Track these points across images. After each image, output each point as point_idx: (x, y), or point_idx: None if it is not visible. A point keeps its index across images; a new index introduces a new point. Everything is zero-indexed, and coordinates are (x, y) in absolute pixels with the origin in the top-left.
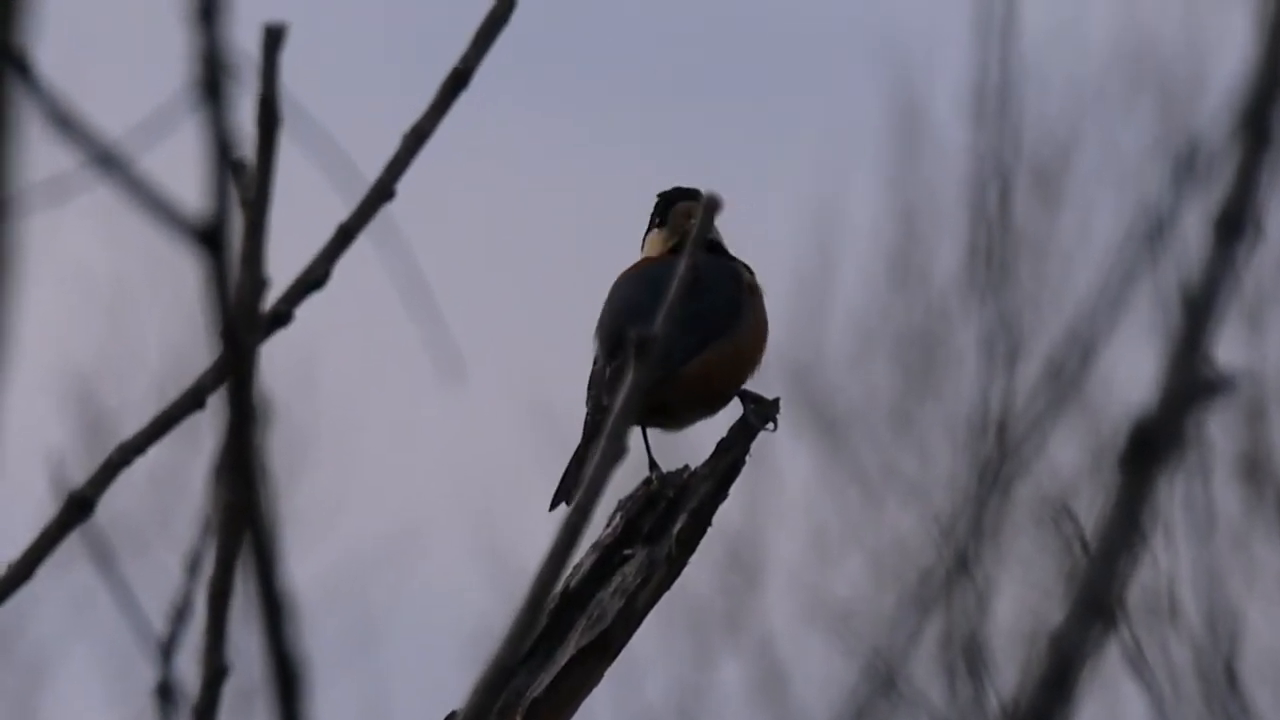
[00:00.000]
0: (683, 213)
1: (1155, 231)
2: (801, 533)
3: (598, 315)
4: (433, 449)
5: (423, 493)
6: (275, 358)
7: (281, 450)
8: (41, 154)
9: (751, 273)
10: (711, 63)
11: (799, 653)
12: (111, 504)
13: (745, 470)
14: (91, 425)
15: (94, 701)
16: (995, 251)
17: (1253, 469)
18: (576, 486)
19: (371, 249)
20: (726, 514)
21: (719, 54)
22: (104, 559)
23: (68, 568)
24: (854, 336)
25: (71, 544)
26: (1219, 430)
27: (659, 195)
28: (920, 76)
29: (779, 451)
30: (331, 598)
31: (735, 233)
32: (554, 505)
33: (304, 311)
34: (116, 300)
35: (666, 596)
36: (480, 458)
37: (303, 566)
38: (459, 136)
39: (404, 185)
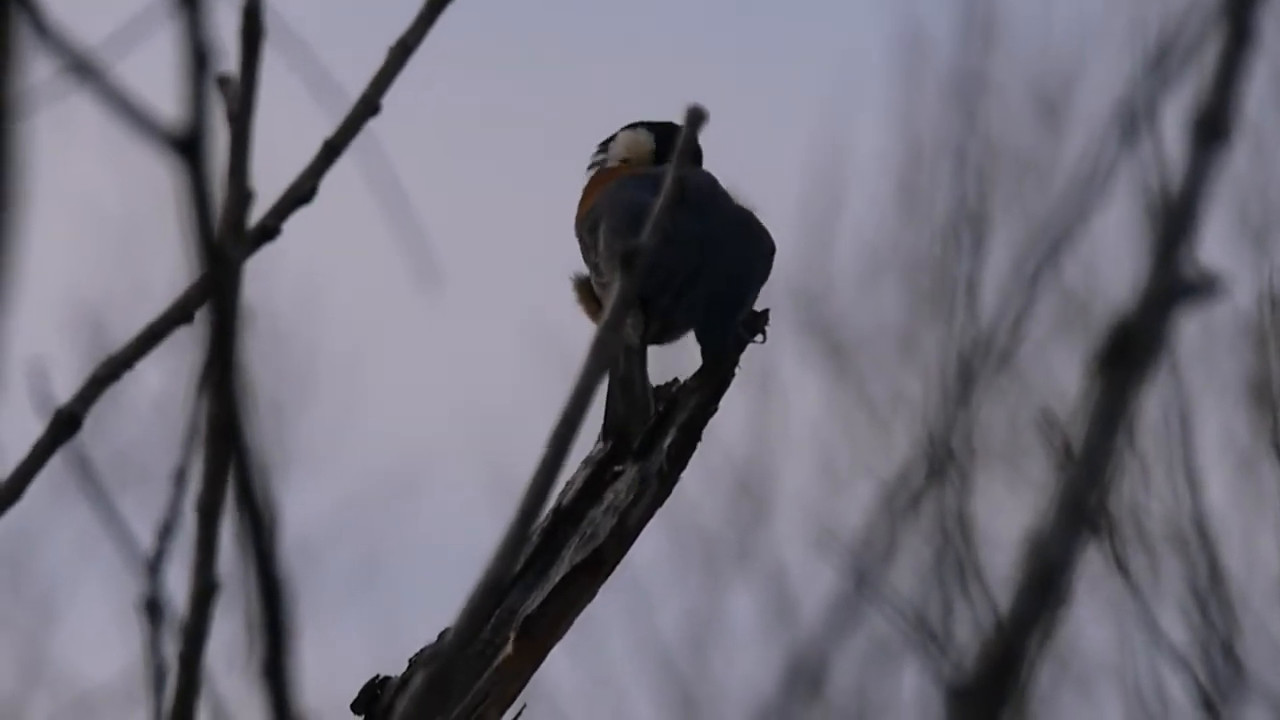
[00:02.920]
0: (625, 140)
1: (1130, 126)
2: (810, 461)
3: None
4: (436, 376)
5: (428, 422)
6: (278, 289)
7: (286, 383)
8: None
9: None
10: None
11: (809, 581)
12: (117, 435)
13: (754, 399)
14: (99, 357)
15: (106, 636)
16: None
17: (1260, 393)
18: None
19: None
20: (734, 442)
21: None
22: (88, 475)
23: (74, 501)
24: (861, 263)
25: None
26: (1226, 353)
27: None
28: (925, 4)
29: (787, 379)
30: (339, 530)
31: (742, 163)
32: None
33: (303, 240)
34: (124, 232)
35: (677, 527)
36: (484, 383)
37: (310, 500)
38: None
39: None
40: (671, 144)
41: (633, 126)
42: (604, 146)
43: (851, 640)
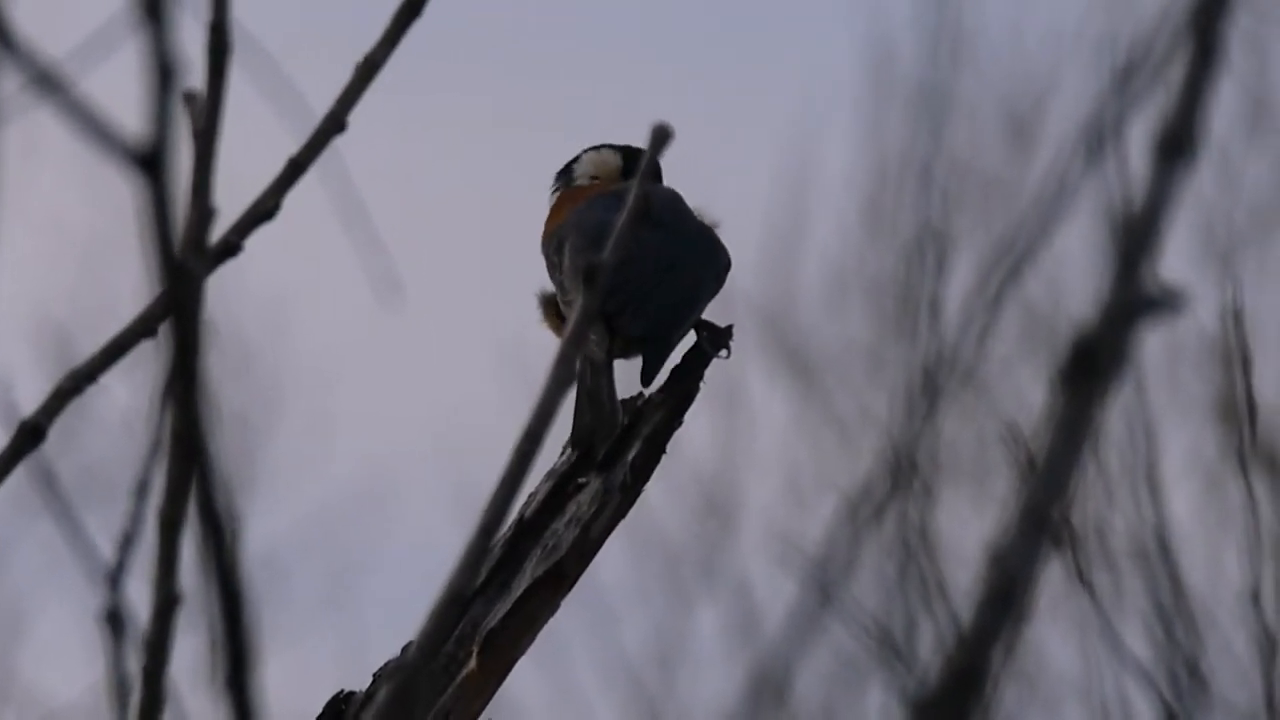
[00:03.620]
0: (591, 159)
1: (1096, 143)
2: (776, 478)
3: (563, 257)
4: (405, 392)
5: (396, 437)
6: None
7: (255, 402)
8: None
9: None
10: (683, 8)
11: (776, 598)
12: (84, 452)
13: (721, 416)
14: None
15: (73, 653)
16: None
17: (1226, 410)
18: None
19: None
20: (700, 459)
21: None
22: (51, 487)
23: (39, 517)
24: (828, 282)
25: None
26: (1192, 372)
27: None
28: (895, 23)
29: (753, 396)
30: (307, 547)
31: (710, 179)
32: (573, 447)
33: (270, 257)
34: (91, 249)
35: (644, 543)
36: (452, 399)
37: (278, 517)
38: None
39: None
40: (638, 161)
41: (596, 148)
42: (564, 172)
43: (815, 654)
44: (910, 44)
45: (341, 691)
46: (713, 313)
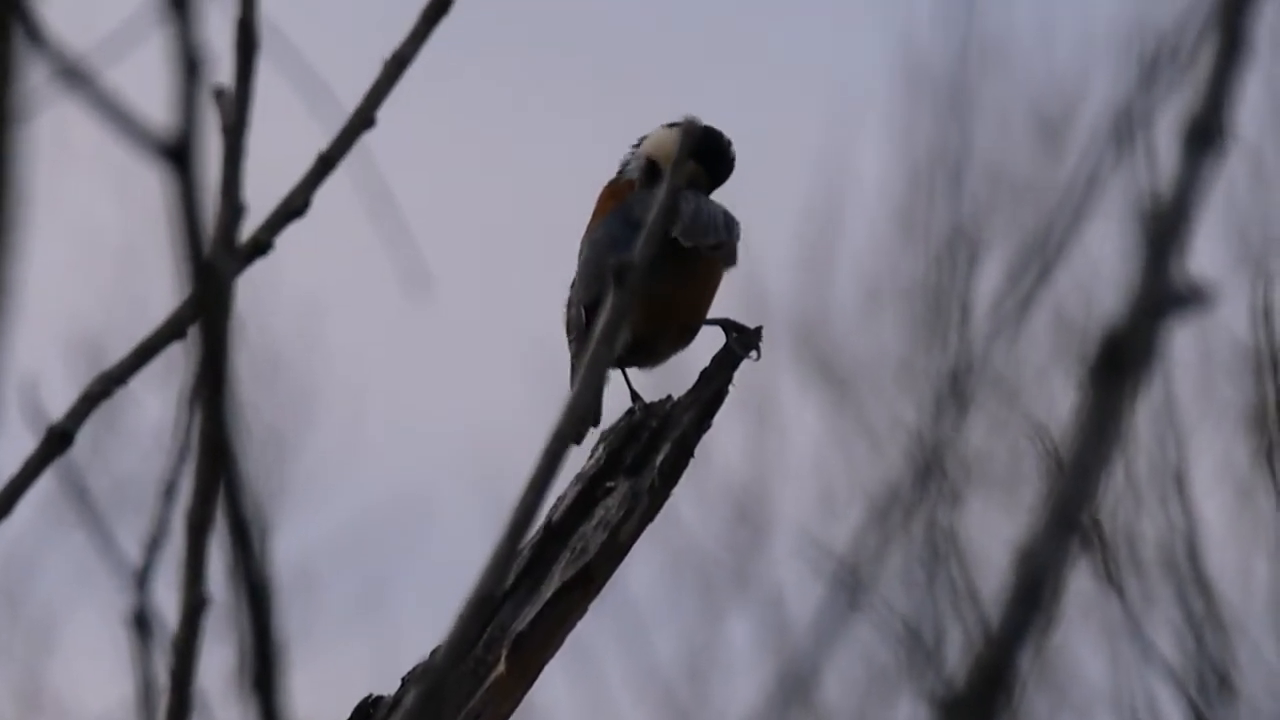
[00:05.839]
0: (655, 139)
1: (1124, 135)
2: (809, 488)
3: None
4: (439, 395)
5: (430, 443)
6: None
7: (286, 412)
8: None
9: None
10: (715, 11)
11: (807, 607)
12: (116, 465)
13: (753, 425)
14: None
15: (104, 664)
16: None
17: (1257, 418)
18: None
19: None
20: (732, 468)
21: (723, 3)
22: (81, 495)
23: (70, 529)
24: (861, 290)
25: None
26: (1224, 381)
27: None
28: (924, 27)
29: (785, 405)
30: (341, 557)
31: (740, 185)
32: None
33: (299, 257)
34: (123, 257)
35: (676, 553)
36: (487, 402)
37: (312, 527)
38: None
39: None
40: (708, 152)
41: (672, 125)
42: (638, 145)
43: (844, 658)
44: (940, 48)
45: (370, 695)
46: (743, 315)
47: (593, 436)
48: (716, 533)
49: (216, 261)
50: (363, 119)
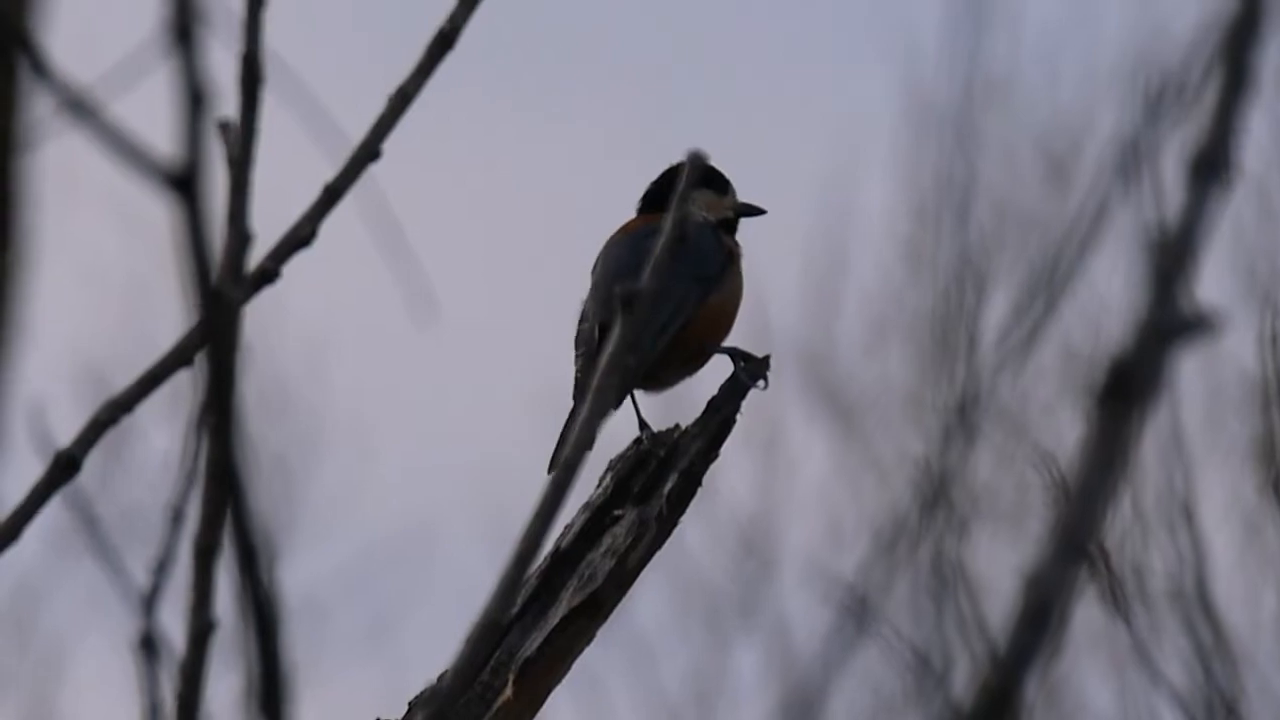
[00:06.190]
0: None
1: (1130, 167)
2: (816, 520)
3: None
4: (445, 424)
5: (436, 476)
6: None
7: (294, 444)
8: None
9: (730, 234)
10: (722, 45)
11: (814, 636)
12: (124, 495)
13: (761, 457)
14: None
15: (113, 693)
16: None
17: (1265, 450)
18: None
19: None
20: (740, 500)
21: (729, 37)
22: (89, 522)
23: (79, 558)
24: (867, 324)
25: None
26: (1234, 414)
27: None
28: (932, 63)
29: (793, 437)
30: (349, 589)
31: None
32: (551, 468)
33: (306, 287)
34: (129, 288)
35: (684, 584)
36: (494, 433)
37: (320, 558)
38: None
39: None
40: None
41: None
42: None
43: (851, 684)
44: (946, 82)
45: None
46: (750, 346)
47: (600, 465)
48: (723, 562)
49: (224, 290)
50: (368, 151)
